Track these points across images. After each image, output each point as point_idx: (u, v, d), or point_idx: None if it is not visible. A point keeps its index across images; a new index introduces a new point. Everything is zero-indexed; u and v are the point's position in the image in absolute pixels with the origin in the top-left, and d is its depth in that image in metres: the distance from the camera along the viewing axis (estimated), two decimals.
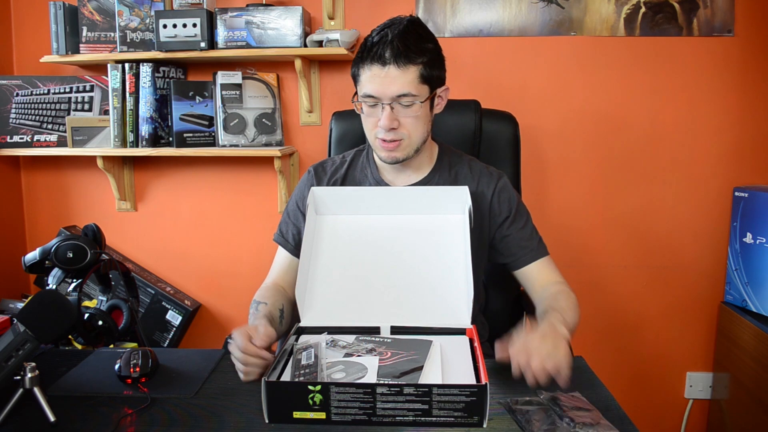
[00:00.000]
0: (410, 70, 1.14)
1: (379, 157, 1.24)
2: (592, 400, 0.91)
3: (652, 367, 2.07)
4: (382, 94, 1.15)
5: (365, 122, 1.22)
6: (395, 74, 1.13)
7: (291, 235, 1.30)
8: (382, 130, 1.18)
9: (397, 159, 1.21)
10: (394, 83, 1.14)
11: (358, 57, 1.18)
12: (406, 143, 1.20)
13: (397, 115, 1.16)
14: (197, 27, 1.85)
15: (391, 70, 1.13)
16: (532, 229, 1.28)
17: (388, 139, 1.18)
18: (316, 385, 0.84)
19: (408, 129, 1.18)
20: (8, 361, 0.87)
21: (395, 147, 1.19)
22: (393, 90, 1.14)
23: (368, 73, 1.16)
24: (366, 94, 1.17)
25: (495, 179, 1.28)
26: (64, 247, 1.16)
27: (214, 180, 2.10)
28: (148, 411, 0.91)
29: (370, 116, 1.19)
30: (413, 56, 1.14)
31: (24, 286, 2.14)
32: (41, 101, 2.01)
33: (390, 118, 1.15)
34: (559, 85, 1.95)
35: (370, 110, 1.19)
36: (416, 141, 1.21)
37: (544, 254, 1.27)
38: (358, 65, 1.19)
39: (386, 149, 1.20)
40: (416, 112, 1.17)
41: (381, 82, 1.14)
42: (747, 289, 1.80)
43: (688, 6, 1.87)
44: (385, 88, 1.14)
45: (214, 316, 2.18)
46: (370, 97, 1.17)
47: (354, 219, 1.20)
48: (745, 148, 1.93)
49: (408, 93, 1.14)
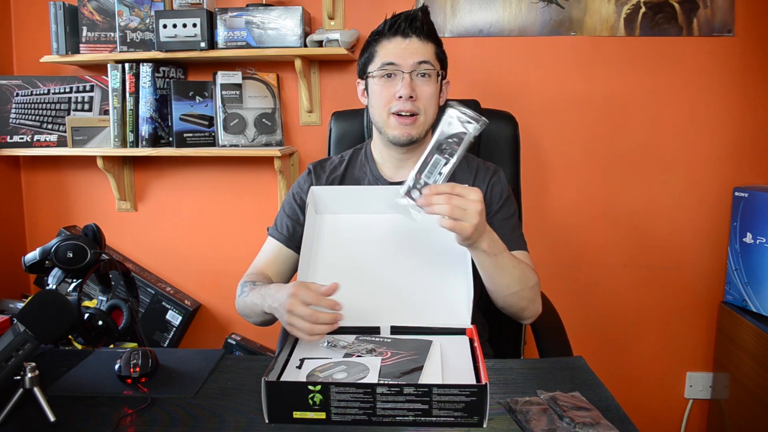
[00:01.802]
0: (429, 45, 1.21)
1: (391, 137, 1.23)
2: (592, 400, 0.91)
3: (652, 367, 2.07)
4: (404, 62, 1.18)
5: (377, 99, 1.22)
6: (417, 45, 1.19)
7: (285, 227, 1.31)
8: (397, 104, 1.19)
9: (411, 137, 1.22)
10: (416, 52, 1.19)
11: (374, 37, 1.23)
12: (422, 120, 1.21)
13: (415, 86, 1.19)
14: (197, 27, 1.85)
15: (413, 41, 1.19)
16: (516, 224, 1.28)
17: (405, 110, 1.19)
18: (316, 385, 0.84)
19: (424, 103, 1.20)
20: (8, 361, 0.87)
21: (412, 122, 1.20)
22: (415, 57, 1.18)
23: (388, 45, 1.20)
24: (386, 62, 1.19)
25: (490, 173, 1.29)
26: (64, 247, 1.16)
27: (214, 180, 2.10)
28: (148, 411, 0.91)
29: (385, 88, 1.21)
30: (433, 34, 1.21)
31: (24, 286, 2.14)
32: (41, 101, 2.01)
33: (410, 86, 1.18)
34: (559, 85, 1.95)
35: (385, 82, 1.20)
36: (429, 120, 1.23)
37: (522, 248, 1.25)
38: (373, 44, 1.23)
39: (402, 124, 1.21)
40: (433, 84, 1.20)
41: (403, 51, 1.19)
42: (747, 289, 1.80)
43: (688, 6, 1.88)
44: (407, 56, 1.18)
45: (214, 316, 2.18)
46: (390, 65, 1.19)
47: (354, 218, 1.20)
48: (745, 148, 1.93)
49: (428, 61, 1.19)
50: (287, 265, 1.30)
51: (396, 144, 1.24)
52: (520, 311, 1.16)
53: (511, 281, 1.10)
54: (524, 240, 1.28)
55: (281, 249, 1.30)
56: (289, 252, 1.30)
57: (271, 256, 1.30)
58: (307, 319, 0.95)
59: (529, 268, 1.16)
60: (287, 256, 1.30)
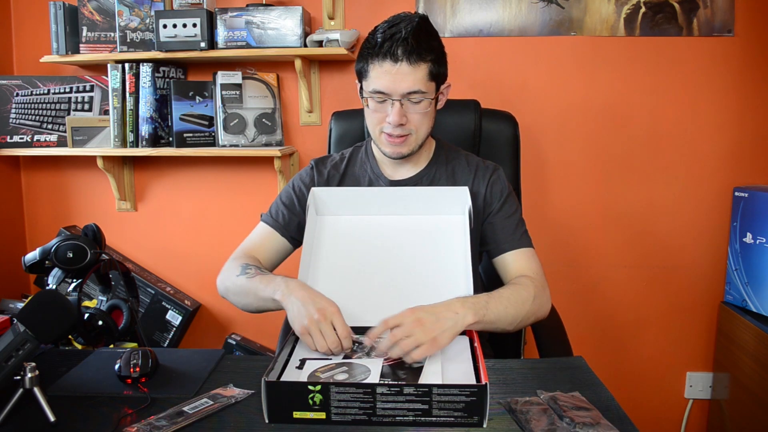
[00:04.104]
0: (421, 68, 1.15)
1: (384, 152, 1.25)
2: (592, 400, 0.91)
3: (652, 367, 2.07)
4: (393, 91, 1.16)
5: (371, 117, 1.22)
6: (407, 71, 1.14)
7: (280, 214, 1.30)
8: (389, 126, 1.19)
9: (402, 154, 1.22)
10: (406, 80, 1.15)
11: (366, 52, 1.18)
12: (413, 138, 1.21)
13: (405, 111, 1.17)
14: (197, 27, 1.85)
15: (403, 66, 1.14)
16: (519, 221, 1.27)
17: (395, 134, 1.19)
18: (316, 385, 0.84)
19: (415, 125, 1.20)
20: (8, 361, 0.87)
21: (402, 142, 1.20)
22: (404, 87, 1.15)
23: (379, 69, 1.16)
24: (376, 90, 1.17)
25: (490, 171, 1.29)
26: (64, 247, 1.16)
27: (214, 180, 2.10)
28: (148, 411, 0.91)
29: (377, 111, 1.20)
30: (424, 54, 1.15)
31: (24, 286, 2.14)
32: (41, 101, 2.01)
33: (399, 114, 1.16)
34: (559, 84, 1.95)
35: (377, 105, 1.19)
36: (422, 136, 1.22)
37: (526, 246, 1.25)
38: (366, 60, 1.18)
39: (392, 144, 1.21)
40: (425, 109, 1.18)
41: (392, 78, 1.15)
42: (747, 289, 1.80)
43: (688, 6, 1.87)
44: (396, 84, 1.15)
45: (214, 316, 2.18)
46: (379, 93, 1.17)
47: (354, 219, 1.20)
48: (745, 148, 1.93)
49: (418, 90, 1.16)
50: (277, 252, 1.29)
51: (389, 158, 1.25)
52: (533, 323, 1.17)
53: (512, 318, 1.10)
54: (528, 237, 1.27)
55: (274, 235, 1.29)
56: (282, 240, 1.29)
57: (262, 240, 1.29)
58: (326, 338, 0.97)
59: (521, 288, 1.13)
60: (279, 243, 1.29)
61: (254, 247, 1.28)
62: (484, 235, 1.28)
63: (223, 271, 1.22)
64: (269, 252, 1.28)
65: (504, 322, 1.08)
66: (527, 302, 1.11)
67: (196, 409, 0.89)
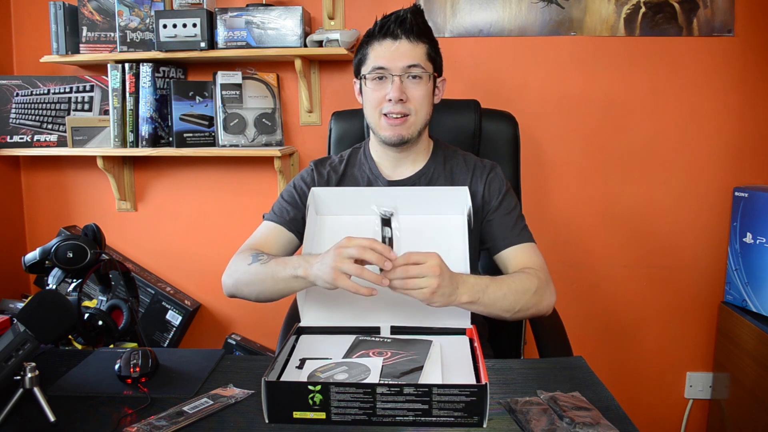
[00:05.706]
0: (420, 46, 1.20)
1: (383, 137, 1.24)
2: (592, 400, 0.91)
3: (652, 367, 2.07)
4: (393, 66, 1.18)
5: (370, 100, 1.23)
6: (407, 47, 1.19)
7: (285, 211, 1.29)
8: (388, 105, 1.19)
9: (402, 137, 1.22)
10: (406, 55, 1.18)
11: (366, 39, 1.23)
12: (412, 120, 1.21)
13: (405, 88, 1.19)
14: (197, 27, 1.85)
15: (403, 43, 1.19)
16: (518, 217, 1.27)
17: (395, 112, 1.20)
18: (316, 385, 0.84)
19: (415, 104, 1.21)
20: (8, 361, 0.87)
21: (402, 122, 1.21)
22: (404, 61, 1.18)
23: (378, 48, 1.20)
24: (376, 66, 1.20)
25: (487, 170, 1.29)
26: (64, 247, 1.16)
27: (214, 180, 2.10)
28: (148, 411, 0.91)
29: (377, 91, 1.21)
30: (422, 35, 1.20)
31: (24, 286, 2.14)
32: (41, 101, 2.01)
33: (399, 89, 1.18)
34: (559, 85, 1.95)
35: (377, 85, 1.21)
36: (421, 120, 1.23)
37: (527, 241, 1.24)
38: (365, 46, 1.23)
39: (392, 125, 1.21)
40: (424, 86, 1.20)
41: (392, 54, 1.19)
42: (747, 289, 1.80)
43: (688, 6, 1.87)
44: (396, 59, 1.18)
45: (214, 316, 2.18)
46: (380, 69, 1.19)
47: (354, 219, 1.20)
48: (745, 148, 1.93)
49: (418, 64, 1.19)
50: (284, 246, 1.27)
51: (388, 144, 1.24)
52: (533, 315, 1.16)
53: (509, 305, 1.09)
54: (529, 232, 1.26)
55: (280, 229, 1.27)
56: (289, 234, 1.27)
57: (269, 235, 1.27)
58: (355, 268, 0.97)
59: (524, 277, 1.13)
60: (285, 237, 1.27)
61: (260, 242, 1.26)
62: (484, 233, 1.28)
63: (230, 265, 1.20)
64: (276, 246, 1.26)
65: (500, 308, 1.08)
66: (528, 292, 1.11)
67: (196, 409, 0.89)
